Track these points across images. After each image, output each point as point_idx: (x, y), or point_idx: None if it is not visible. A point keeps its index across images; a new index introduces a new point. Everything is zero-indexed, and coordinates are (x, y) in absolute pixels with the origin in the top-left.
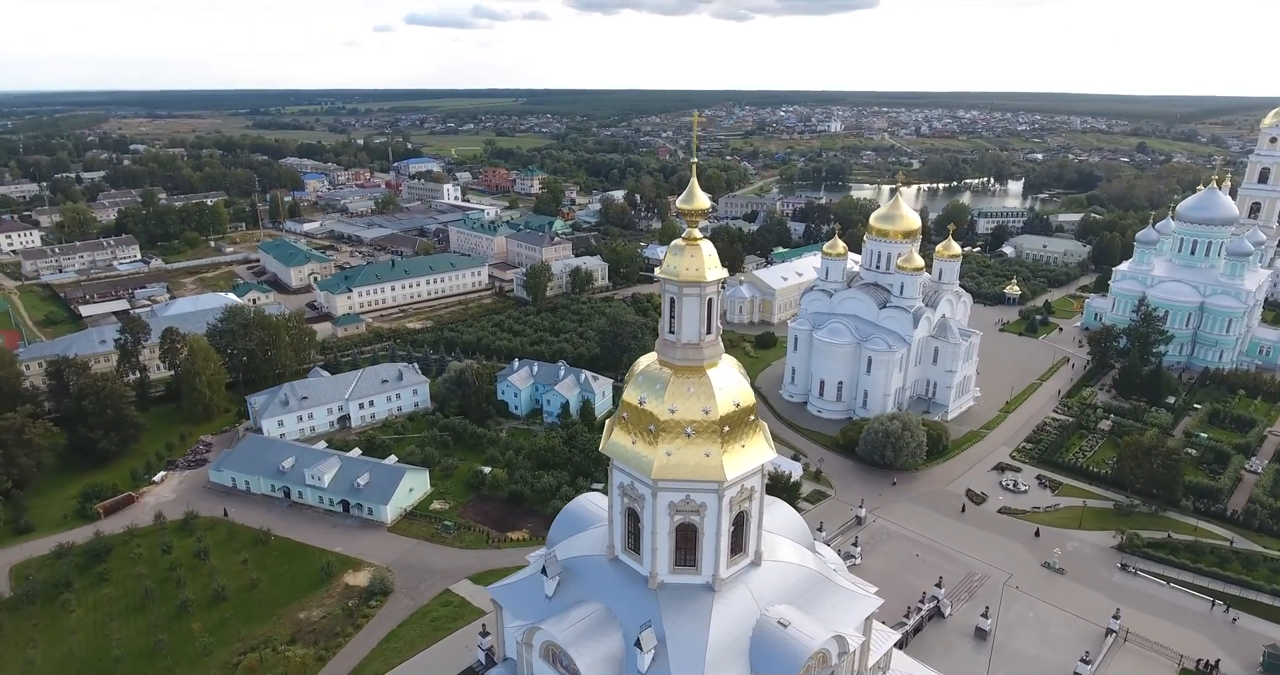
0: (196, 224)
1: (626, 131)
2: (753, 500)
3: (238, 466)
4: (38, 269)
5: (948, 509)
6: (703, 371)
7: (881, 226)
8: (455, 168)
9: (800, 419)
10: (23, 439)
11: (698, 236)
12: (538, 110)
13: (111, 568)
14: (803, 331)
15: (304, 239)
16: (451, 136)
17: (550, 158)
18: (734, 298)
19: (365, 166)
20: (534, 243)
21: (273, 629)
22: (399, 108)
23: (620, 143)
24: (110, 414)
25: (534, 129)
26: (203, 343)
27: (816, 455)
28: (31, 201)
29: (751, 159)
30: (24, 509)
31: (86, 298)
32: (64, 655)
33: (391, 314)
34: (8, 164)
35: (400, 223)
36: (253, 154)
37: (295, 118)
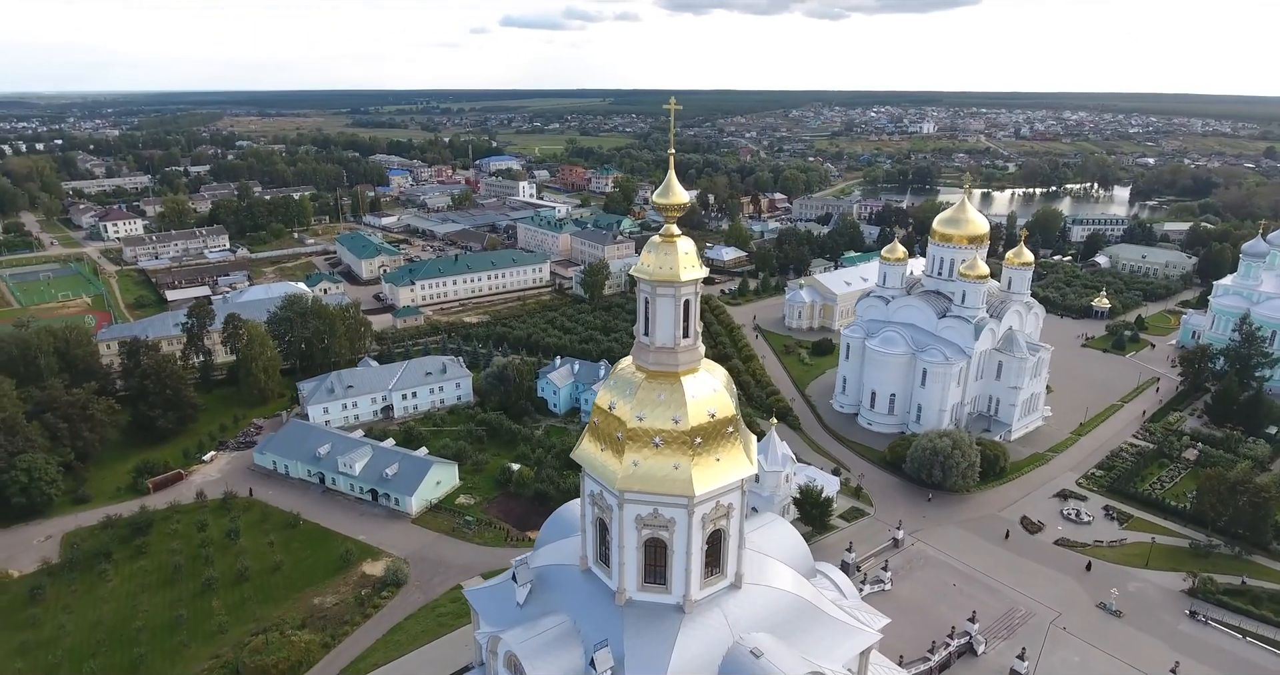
0: (283, 216)
1: (710, 132)
2: (730, 518)
3: (279, 450)
4: (136, 255)
5: (997, 536)
6: (676, 378)
7: (945, 231)
8: (535, 166)
9: (849, 431)
10: (87, 414)
11: (675, 233)
12: (623, 110)
13: (150, 541)
14: (855, 339)
15: (380, 233)
16: (536, 135)
17: (629, 157)
18: (793, 302)
19: (448, 163)
20: (597, 241)
21: (287, 612)
22: (489, 107)
23: (702, 143)
24: (170, 394)
25: (618, 128)
26: (260, 329)
27: (860, 471)
28: (142, 192)
29: (835, 160)
30: (84, 481)
31: (174, 283)
32: (93, 622)
33: (452, 308)
34: (125, 158)
35: (473, 218)
36: (345, 151)
37: (391, 117)
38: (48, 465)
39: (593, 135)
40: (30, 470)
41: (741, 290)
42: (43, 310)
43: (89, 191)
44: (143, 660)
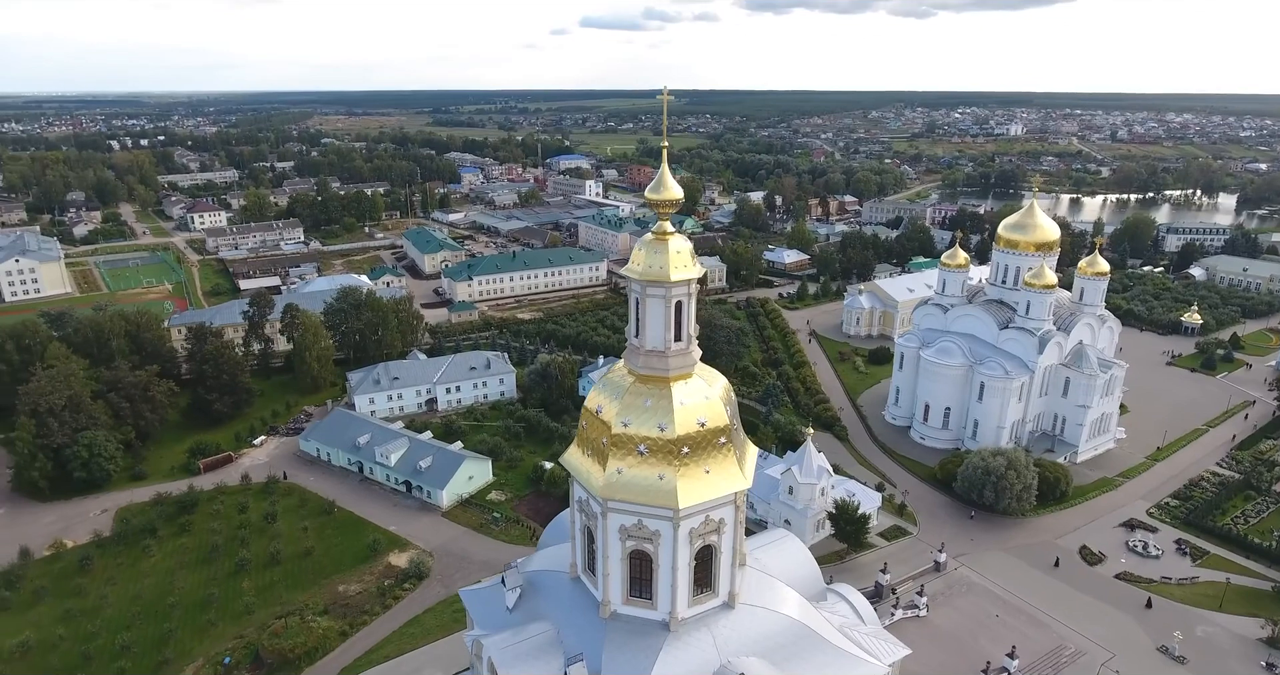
0: (356, 211)
1: (784, 132)
2: (722, 534)
3: (322, 438)
4: (217, 245)
5: (1050, 565)
6: (666, 383)
7: (1011, 236)
8: (604, 165)
9: (900, 445)
10: (148, 395)
11: (668, 231)
12: (698, 110)
13: (194, 520)
14: (910, 349)
15: (447, 228)
16: (609, 135)
17: (699, 157)
18: (851, 307)
19: (519, 162)
20: None
21: (312, 597)
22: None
23: (775, 144)
24: (227, 379)
25: (691, 129)
26: (315, 320)
27: (907, 487)
28: (229, 186)
29: (914, 163)
30: (142, 458)
31: (249, 273)
32: (133, 595)
33: (507, 304)
34: (218, 154)
35: (538, 216)
36: (421, 148)
37: (470, 116)
38: (108, 442)
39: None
40: (91, 446)
41: (800, 294)
42: (128, 295)
43: (182, 185)
44: (171, 635)
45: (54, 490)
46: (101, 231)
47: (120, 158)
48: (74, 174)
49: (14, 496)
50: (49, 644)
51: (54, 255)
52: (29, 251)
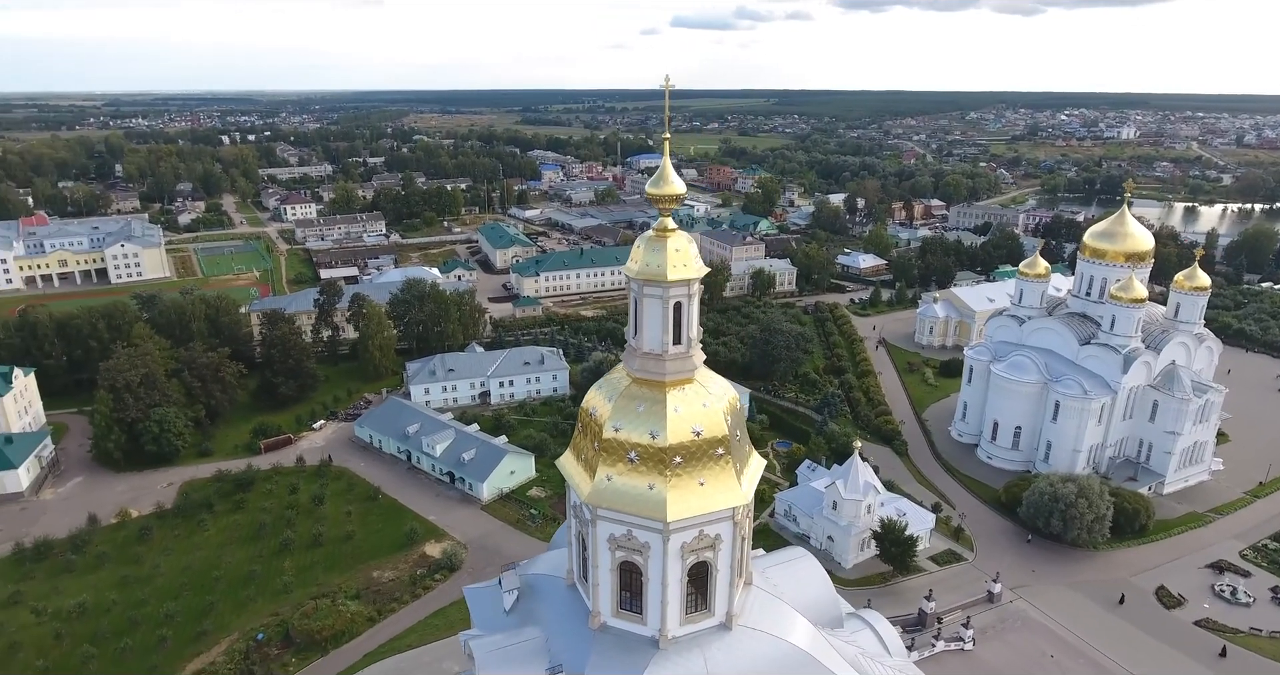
0: (436, 205)
1: (874, 134)
2: (718, 550)
3: (375, 426)
4: (305, 236)
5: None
6: (662, 388)
7: (1098, 245)
8: (684, 164)
9: (964, 464)
10: (218, 376)
11: (670, 227)
12: (786, 110)
13: (248, 498)
14: (980, 362)
15: (522, 224)
16: (693, 135)
17: (782, 158)
18: (925, 316)
19: (599, 160)
20: (725, 241)
21: (346, 581)
22: (652, 107)
23: (863, 145)
24: (293, 363)
25: (778, 129)
26: (379, 310)
27: (966, 510)
28: (323, 180)
29: (1012, 166)
30: (210, 436)
31: (331, 263)
32: (184, 566)
33: (572, 300)
34: (316, 149)
35: (612, 214)
36: (506, 146)
37: (558, 115)
38: (178, 419)
39: (751, 135)
40: (162, 422)
41: (873, 300)
42: (220, 281)
43: (281, 178)
44: (212, 608)
45: (128, 462)
46: (203, 220)
47: (227, 151)
48: (184, 166)
49: (93, 466)
50: (103, 607)
51: (155, 241)
52: (134, 237)
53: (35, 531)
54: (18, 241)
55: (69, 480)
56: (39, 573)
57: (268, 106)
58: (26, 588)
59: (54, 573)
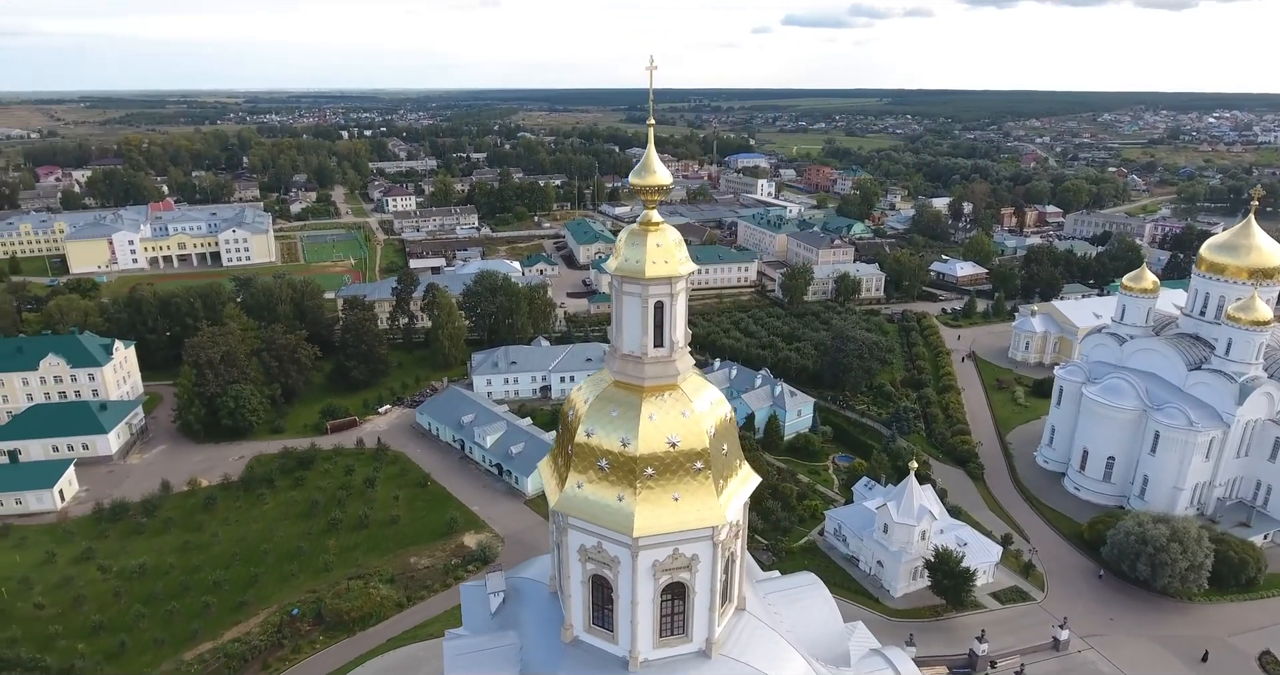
0: (528, 201)
1: (992, 135)
2: (695, 572)
3: (434, 414)
4: (402, 227)
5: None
6: (639, 393)
7: (1216, 259)
8: (783, 164)
9: (1047, 493)
10: (294, 357)
11: (654, 221)
12: (898, 111)
13: (307, 476)
14: (1071, 383)
15: (611, 221)
16: (798, 135)
17: (888, 159)
18: (1021, 330)
19: (696, 159)
20: (813, 243)
21: (384, 565)
22: (759, 106)
23: (979, 147)
24: (365, 349)
25: (888, 129)
26: (450, 300)
27: (1041, 544)
28: (427, 174)
29: (1146, 172)
30: (284, 414)
31: (421, 253)
32: (239, 537)
33: None
34: (424, 144)
35: (701, 213)
36: (605, 144)
37: (663, 113)
38: (253, 396)
39: (858, 136)
40: (238, 398)
41: (967, 311)
42: (319, 267)
43: (389, 171)
44: (257, 580)
45: (206, 434)
46: (312, 210)
47: (342, 146)
48: (302, 159)
49: (176, 436)
50: (161, 570)
51: (264, 228)
52: (245, 224)
53: (116, 493)
54: (145, 225)
55: (154, 447)
56: (113, 532)
57: (388, 104)
58: (99, 545)
59: (125, 534)
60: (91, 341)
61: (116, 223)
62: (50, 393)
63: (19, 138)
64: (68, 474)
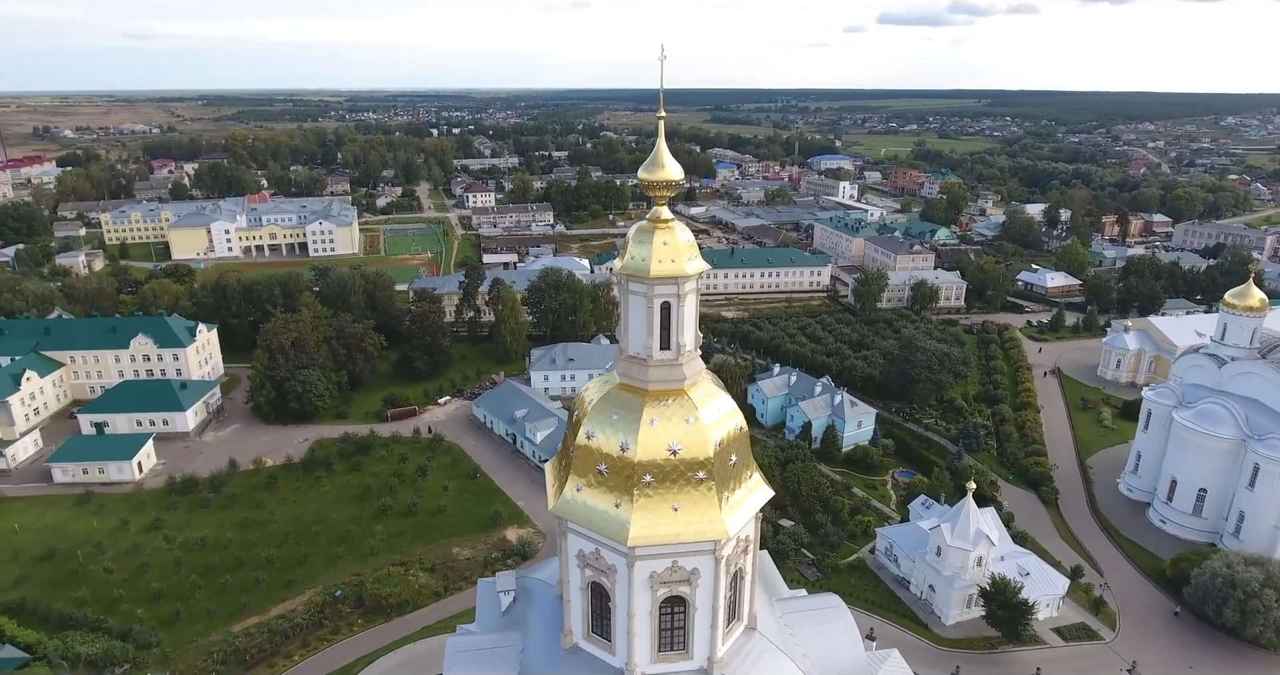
0: (604, 199)
1: (1099, 139)
2: (695, 586)
3: (489, 407)
4: (479, 223)
5: None
6: (642, 397)
7: None
8: (868, 167)
9: (1128, 524)
10: (361, 345)
11: (664, 218)
12: (997, 112)
13: (364, 462)
14: (1161, 406)
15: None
16: (888, 137)
17: (982, 162)
18: (1112, 347)
19: (778, 160)
20: (891, 249)
21: (427, 554)
22: (848, 107)
23: (1083, 151)
24: (429, 340)
25: (985, 131)
26: (513, 296)
27: (1115, 579)
28: (509, 172)
29: (1273, 180)
30: (349, 400)
31: (495, 249)
32: (294, 517)
33: (715, 300)
34: (508, 142)
35: (778, 215)
36: (686, 143)
37: (748, 114)
38: (319, 382)
39: (952, 138)
40: (305, 383)
41: (1054, 324)
42: (398, 259)
43: (472, 168)
44: (306, 560)
45: (275, 416)
46: (396, 204)
47: (430, 143)
48: (391, 155)
49: (249, 416)
50: (220, 544)
51: (348, 221)
52: (330, 216)
53: (188, 468)
54: (241, 215)
55: (228, 426)
56: (181, 505)
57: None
58: (168, 516)
59: (192, 507)
60: (178, 324)
61: (215, 213)
62: (139, 370)
63: (141, 132)
64: (146, 448)
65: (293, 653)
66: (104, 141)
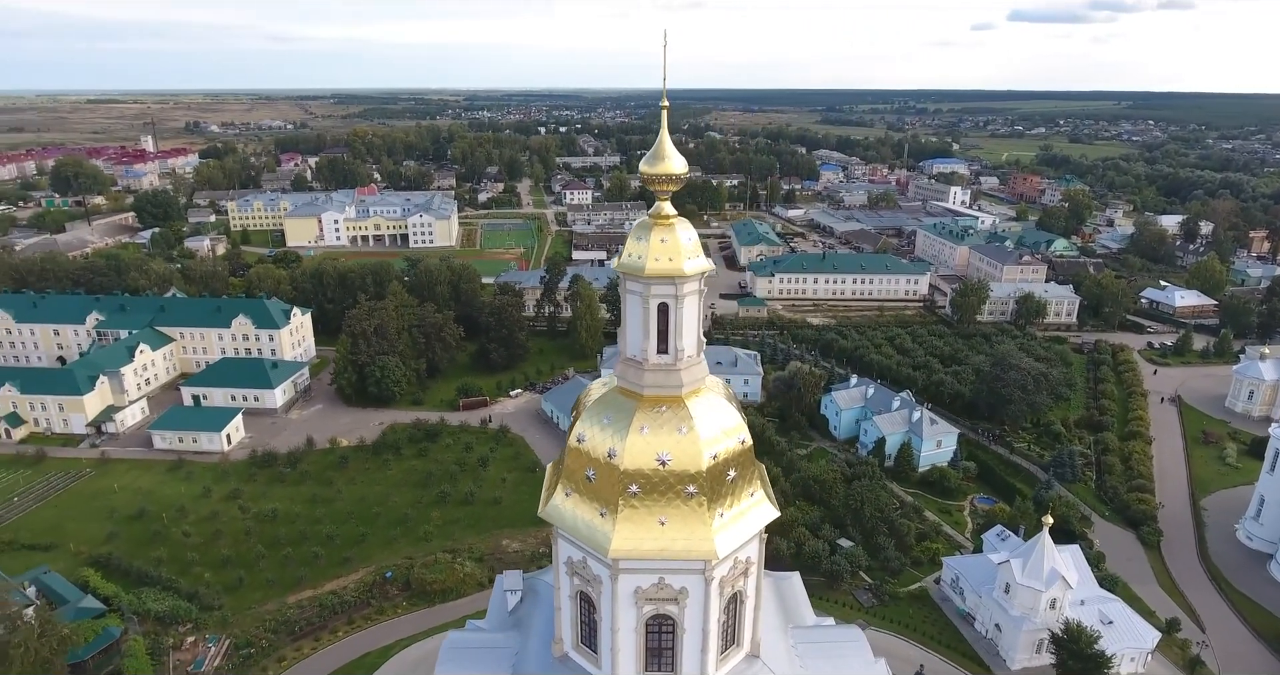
0: (699, 199)
1: (1258, 145)
2: (683, 606)
3: (556, 401)
4: (574, 220)
5: None
6: (635, 401)
7: None
8: (985, 172)
9: (1243, 577)
10: (440, 335)
11: (666, 214)
12: (1138, 115)
13: (430, 448)
14: None
15: (782, 223)
16: (1013, 140)
17: (1114, 169)
18: (1244, 375)
19: (887, 162)
20: (997, 258)
21: (478, 543)
22: (969, 108)
23: (1236, 158)
24: (505, 333)
25: (1123, 136)
26: (592, 293)
27: (1224, 638)
28: (609, 170)
29: None
30: (425, 388)
31: (586, 246)
32: (359, 497)
33: (803, 306)
34: (611, 141)
35: (879, 220)
36: (793, 144)
37: (861, 115)
38: (397, 368)
39: (1084, 143)
40: (384, 369)
41: (1180, 347)
42: (491, 253)
43: (574, 166)
44: (363, 539)
45: (356, 399)
46: (496, 199)
47: (535, 141)
48: (497, 152)
49: (332, 398)
50: (288, 517)
51: (447, 214)
52: (431, 210)
53: (271, 443)
54: (350, 206)
55: (312, 406)
56: (260, 478)
57: (589, 102)
58: (245, 488)
59: (269, 481)
60: (275, 307)
61: (327, 204)
62: (238, 348)
63: (277, 128)
64: (236, 421)
65: (338, 628)
66: (243, 136)
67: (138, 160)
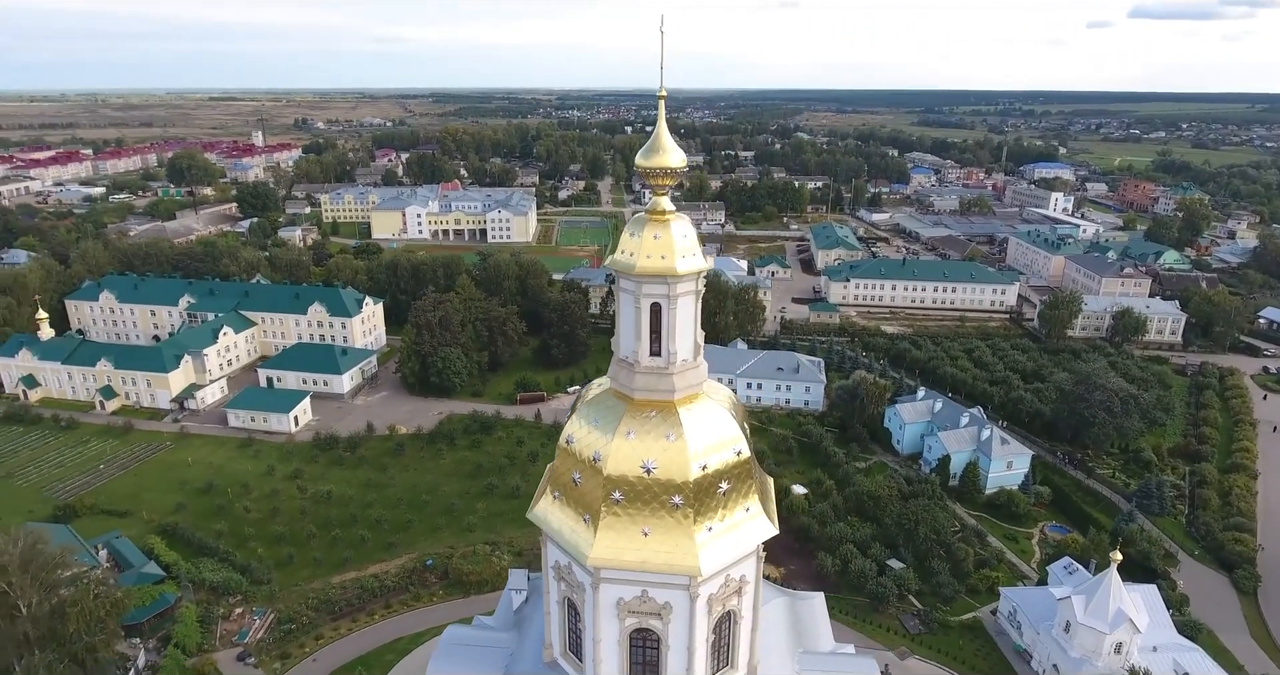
0: (780, 201)
1: None
2: (667, 622)
3: None
4: None
5: None
6: (625, 403)
7: None
8: (1094, 177)
9: None
10: (503, 329)
11: (663, 209)
12: (1273, 119)
13: (484, 440)
14: None
15: (865, 227)
16: (1128, 145)
17: (1241, 176)
18: None
19: (984, 166)
20: (1095, 269)
21: (519, 538)
22: (1081, 110)
23: None
24: (567, 329)
25: (1254, 141)
26: None
27: None
28: (691, 169)
29: None
30: (486, 381)
31: None
32: (411, 484)
33: (879, 313)
34: (696, 140)
35: (970, 226)
36: (884, 146)
37: (962, 117)
38: (459, 360)
39: (1209, 148)
40: (445, 360)
41: None
42: (566, 250)
43: None
44: (409, 526)
45: (418, 388)
46: (576, 197)
47: (619, 140)
48: (580, 151)
49: (397, 386)
50: (341, 500)
51: (525, 211)
52: (509, 206)
53: (334, 427)
54: (434, 201)
55: (377, 393)
56: (321, 459)
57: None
58: (307, 468)
59: (329, 463)
60: (349, 296)
61: (411, 198)
62: (313, 334)
63: (377, 126)
64: (303, 404)
65: (375, 611)
66: (345, 133)
67: (246, 154)
